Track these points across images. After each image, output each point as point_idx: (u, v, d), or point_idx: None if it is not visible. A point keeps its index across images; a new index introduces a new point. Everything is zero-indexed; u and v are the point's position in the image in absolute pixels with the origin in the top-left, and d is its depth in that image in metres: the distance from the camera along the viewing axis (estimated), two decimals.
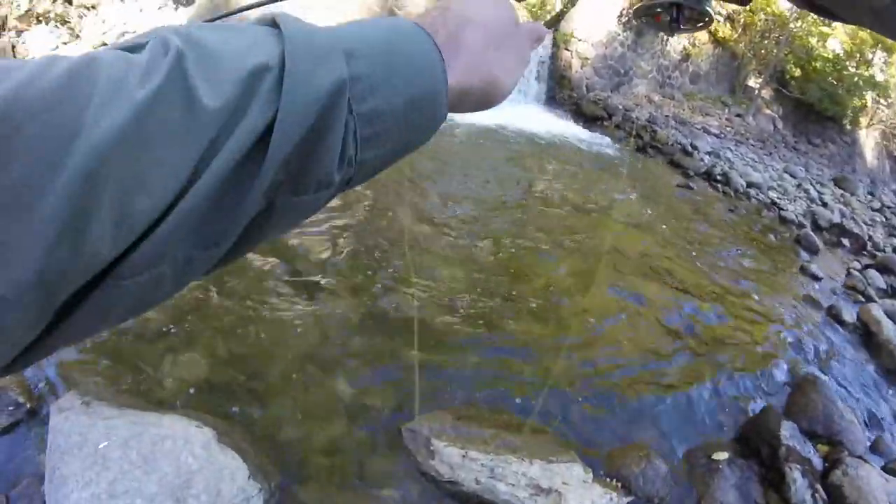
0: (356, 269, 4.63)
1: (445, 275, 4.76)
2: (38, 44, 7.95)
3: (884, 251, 8.32)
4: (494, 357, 3.83)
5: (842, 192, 11.75)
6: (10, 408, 2.82)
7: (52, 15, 8.18)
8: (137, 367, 3.26)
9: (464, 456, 2.78)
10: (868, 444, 3.76)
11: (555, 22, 0.95)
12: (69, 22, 8.37)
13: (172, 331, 3.58)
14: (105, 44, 8.68)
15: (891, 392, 4.55)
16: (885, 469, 3.43)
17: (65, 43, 8.24)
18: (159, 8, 9.44)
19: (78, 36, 8.44)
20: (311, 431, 2.98)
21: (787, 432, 3.43)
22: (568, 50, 13.91)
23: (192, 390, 3.15)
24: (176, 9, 9.68)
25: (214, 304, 3.90)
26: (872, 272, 7.13)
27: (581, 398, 3.60)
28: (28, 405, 2.86)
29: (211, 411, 2.98)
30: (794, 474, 3.15)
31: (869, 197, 13.24)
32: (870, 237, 8.83)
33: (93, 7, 8.66)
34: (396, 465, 2.85)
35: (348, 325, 3.89)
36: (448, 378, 3.56)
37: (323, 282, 4.37)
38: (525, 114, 12.49)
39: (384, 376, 3.47)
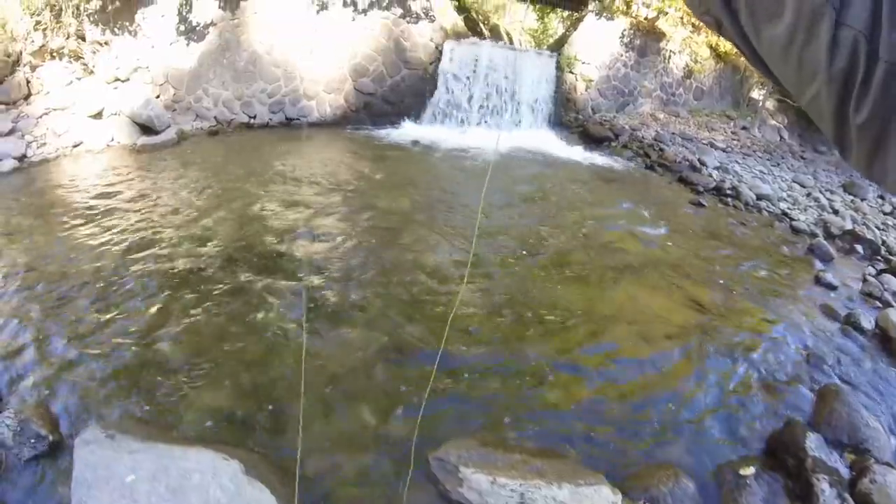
0: (375, 298, 4.67)
1: (459, 304, 4.78)
2: (53, 79, 8.10)
3: None
4: (516, 382, 3.84)
5: (852, 197, 11.69)
6: (33, 440, 2.83)
7: (65, 51, 8.34)
8: (159, 399, 3.28)
9: (492, 482, 2.78)
10: (895, 449, 3.73)
11: None
12: (82, 57, 8.53)
13: (193, 363, 3.61)
14: (118, 79, 8.84)
15: None
16: None
17: (78, 78, 8.39)
18: (171, 44, 9.61)
19: (91, 72, 8.59)
20: (337, 462, 2.99)
21: (813, 444, 3.42)
22: (572, 73, 14.02)
23: (216, 422, 3.16)
24: (188, 44, 9.85)
25: (235, 336, 3.94)
26: (888, 277, 7.07)
27: (605, 419, 3.60)
28: (51, 438, 2.87)
29: (237, 443, 3.00)
30: (822, 485, 3.14)
31: (879, 201, 13.12)
32: (883, 242, 8.75)
33: (106, 43, 8.82)
34: (425, 494, 2.85)
35: (370, 354, 3.92)
36: (472, 404, 3.57)
37: (342, 311, 4.41)
38: (534, 138, 12.59)
39: (408, 404, 3.48)
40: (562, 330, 4.60)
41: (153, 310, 4.16)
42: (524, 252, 6.10)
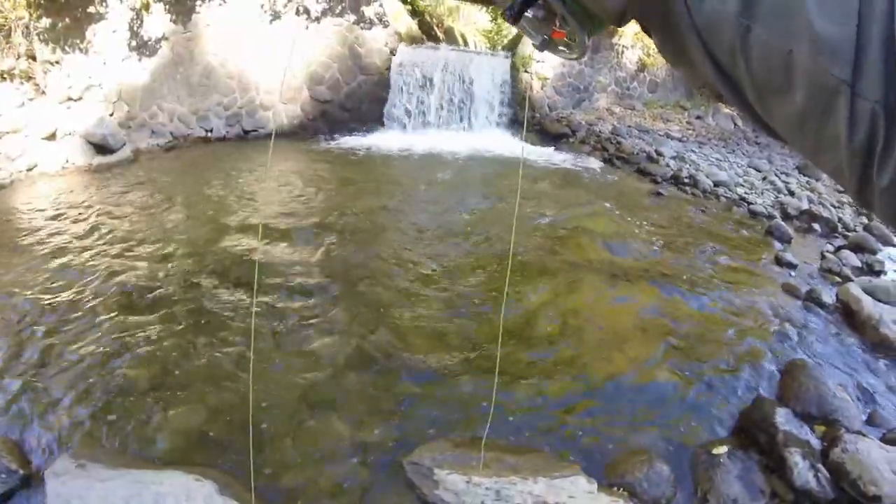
0: (339, 310, 4.63)
1: (426, 307, 4.78)
2: (4, 101, 7.87)
3: (855, 230, 8.47)
4: (486, 381, 3.83)
5: (807, 179, 11.92)
6: (3, 475, 2.77)
7: (16, 71, 8.12)
8: (128, 424, 3.22)
9: (468, 482, 2.79)
10: (864, 418, 3.82)
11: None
12: (34, 78, 8.31)
13: (159, 385, 3.55)
14: (71, 99, 8.66)
15: (879, 365, 4.63)
16: (883, 440, 3.48)
17: (30, 99, 8.18)
18: (123, 60, 9.43)
19: (43, 92, 8.38)
20: (312, 475, 2.96)
21: (782, 418, 3.48)
22: (527, 72, 14.11)
23: (187, 444, 3.12)
24: (140, 60, 9.68)
25: (200, 354, 3.88)
26: (846, 252, 7.27)
27: (577, 412, 3.63)
28: (21, 472, 2.82)
29: (209, 463, 2.96)
30: (795, 458, 3.20)
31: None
32: (839, 219, 8.97)
33: (57, 62, 8.61)
34: (402, 500, 2.85)
35: (339, 364, 3.89)
36: (444, 407, 3.56)
37: (308, 323, 4.36)
38: (492, 139, 12.64)
39: (379, 412, 3.47)
40: (527, 326, 4.62)
41: (115, 334, 4.08)
42: (488, 251, 6.12)
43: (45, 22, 8.41)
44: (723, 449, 3.34)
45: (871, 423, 3.81)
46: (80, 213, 6.47)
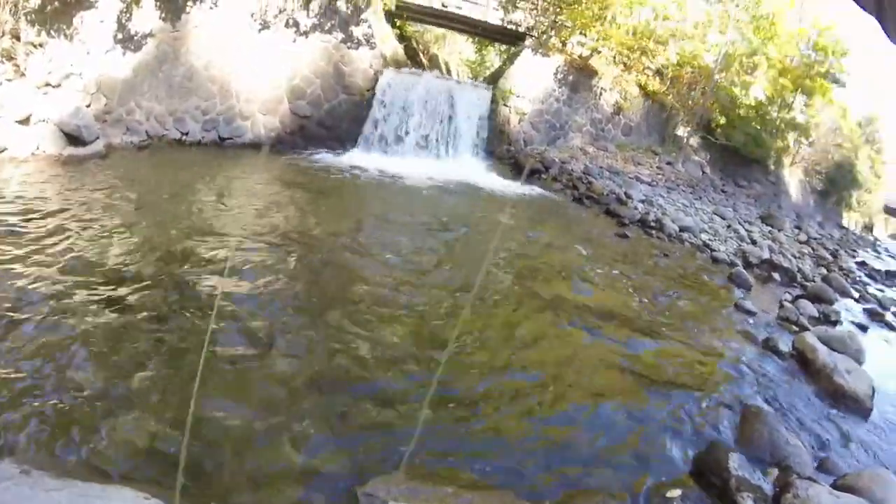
0: (300, 331, 4.55)
1: (389, 335, 4.73)
2: None
3: (813, 281, 8.72)
4: (443, 413, 3.80)
5: (770, 228, 12.28)
6: None
7: None
8: (76, 431, 3.06)
9: None
10: (815, 464, 3.89)
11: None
12: (15, 58, 8.17)
13: (110, 394, 3.40)
14: (49, 84, 8.52)
15: (832, 413, 4.75)
16: (834, 486, 3.54)
17: (9, 80, 8.03)
18: (106, 51, 9.34)
19: (23, 74, 8.24)
20: (263, 499, 2.88)
21: (736, 463, 3.52)
22: (506, 106, 14.31)
23: (136, 458, 2.98)
24: (124, 54, 9.60)
25: (156, 366, 3.75)
26: (804, 302, 7.50)
27: (534, 450, 3.60)
28: None
29: (158, 481, 2.83)
30: (747, 502, 3.25)
31: (796, 231, 13.90)
32: (799, 269, 9.23)
33: (40, 45, 8.49)
34: None
35: (295, 388, 3.79)
36: (399, 437, 3.50)
37: (267, 346, 4.24)
38: (466, 169, 12.78)
39: (334, 439, 3.39)
40: (486, 361, 4.59)
41: (66, 334, 3.93)
42: (449, 283, 6.11)
43: (34, 2, 8.30)
44: (676, 492, 3.37)
45: (822, 469, 3.89)
46: (41, 206, 6.28)
